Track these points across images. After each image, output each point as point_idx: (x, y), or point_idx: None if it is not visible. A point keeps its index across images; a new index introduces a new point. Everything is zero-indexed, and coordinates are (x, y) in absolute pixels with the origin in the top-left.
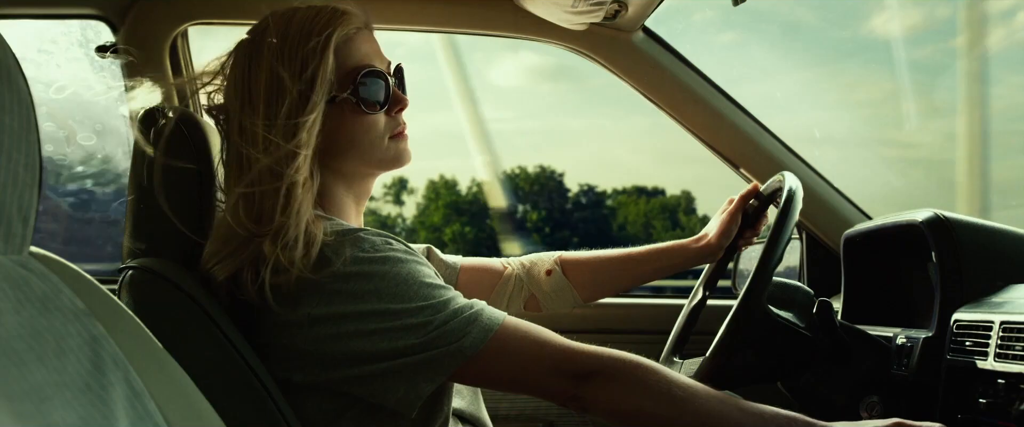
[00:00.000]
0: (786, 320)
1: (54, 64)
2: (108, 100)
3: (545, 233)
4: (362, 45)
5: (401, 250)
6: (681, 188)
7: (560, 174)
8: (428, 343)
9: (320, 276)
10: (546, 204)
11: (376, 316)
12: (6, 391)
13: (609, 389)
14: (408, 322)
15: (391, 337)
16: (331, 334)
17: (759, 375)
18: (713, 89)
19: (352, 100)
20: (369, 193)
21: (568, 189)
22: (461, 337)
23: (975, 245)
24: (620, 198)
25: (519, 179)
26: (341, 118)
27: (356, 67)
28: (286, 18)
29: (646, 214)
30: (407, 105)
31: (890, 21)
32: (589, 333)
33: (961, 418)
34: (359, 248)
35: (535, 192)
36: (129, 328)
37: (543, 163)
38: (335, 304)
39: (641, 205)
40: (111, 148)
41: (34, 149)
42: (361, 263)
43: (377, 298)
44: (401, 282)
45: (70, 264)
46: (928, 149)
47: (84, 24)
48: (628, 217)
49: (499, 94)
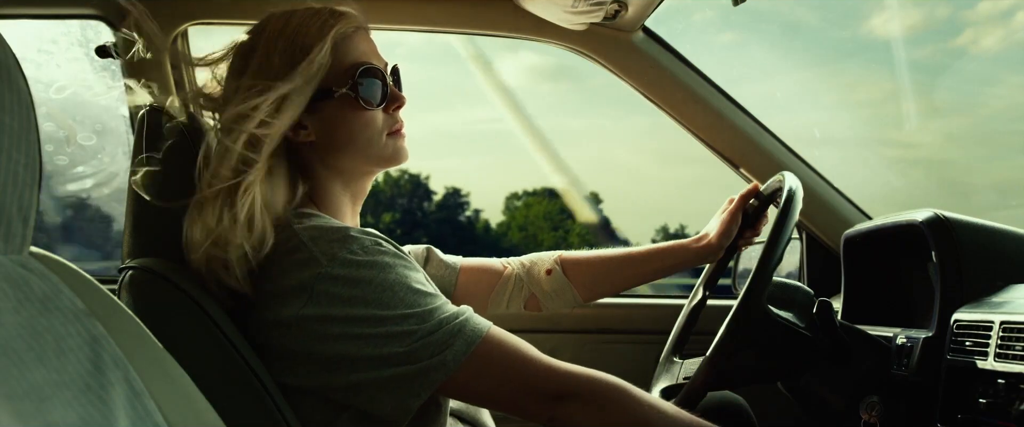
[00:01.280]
0: (786, 320)
1: (54, 64)
2: (108, 100)
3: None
4: (360, 44)
5: (390, 253)
6: (608, 188)
7: (426, 177)
8: (412, 353)
9: (308, 276)
10: (404, 206)
11: (361, 321)
12: (6, 391)
13: (585, 412)
14: (393, 329)
15: (376, 343)
16: (319, 335)
17: (759, 375)
18: (713, 89)
19: (351, 95)
20: (366, 192)
21: (433, 192)
22: (444, 349)
23: (975, 245)
24: (529, 200)
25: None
26: (340, 113)
27: (355, 64)
28: (284, 18)
29: (545, 215)
30: (404, 103)
31: (890, 21)
32: (589, 333)
33: (961, 418)
34: (348, 249)
35: (393, 195)
36: (129, 328)
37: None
38: (322, 305)
39: (545, 205)
40: (111, 148)
41: (34, 149)
42: (349, 266)
43: (364, 303)
44: (387, 288)
45: (70, 264)
46: (928, 149)
47: (84, 24)
48: (517, 221)
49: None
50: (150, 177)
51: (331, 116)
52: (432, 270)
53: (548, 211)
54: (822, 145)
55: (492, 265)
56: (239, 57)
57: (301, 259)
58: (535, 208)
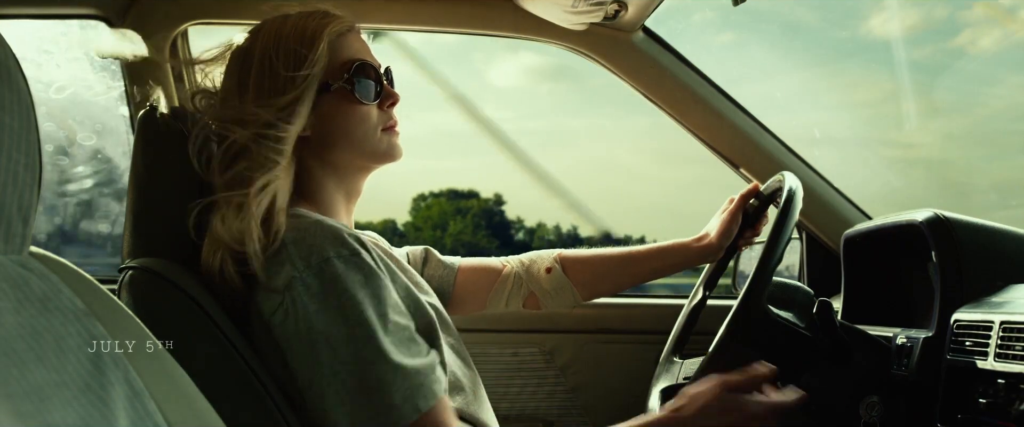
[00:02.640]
0: (786, 320)
1: (54, 64)
2: (108, 100)
3: None
4: (354, 42)
5: (364, 269)
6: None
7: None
8: (355, 390)
9: (285, 279)
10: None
11: (325, 338)
12: (6, 391)
13: None
14: (343, 355)
15: (330, 362)
16: (291, 333)
17: None
18: (713, 89)
19: (347, 88)
20: (359, 192)
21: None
22: (390, 397)
23: (975, 245)
24: (431, 201)
25: None
26: (336, 107)
27: (350, 60)
28: (280, 21)
29: (439, 216)
30: (398, 100)
31: (890, 21)
32: (589, 333)
33: (961, 418)
34: (323, 257)
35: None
36: (129, 328)
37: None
38: (296, 310)
39: (443, 205)
40: (111, 148)
41: (34, 149)
42: (321, 277)
43: (326, 321)
44: (352, 307)
45: (70, 264)
46: (928, 149)
47: (84, 24)
48: (416, 221)
49: (499, 94)
50: (150, 177)
51: (327, 111)
52: (430, 271)
53: (445, 211)
54: (822, 145)
55: (491, 264)
56: (238, 60)
57: (281, 260)
58: (434, 208)
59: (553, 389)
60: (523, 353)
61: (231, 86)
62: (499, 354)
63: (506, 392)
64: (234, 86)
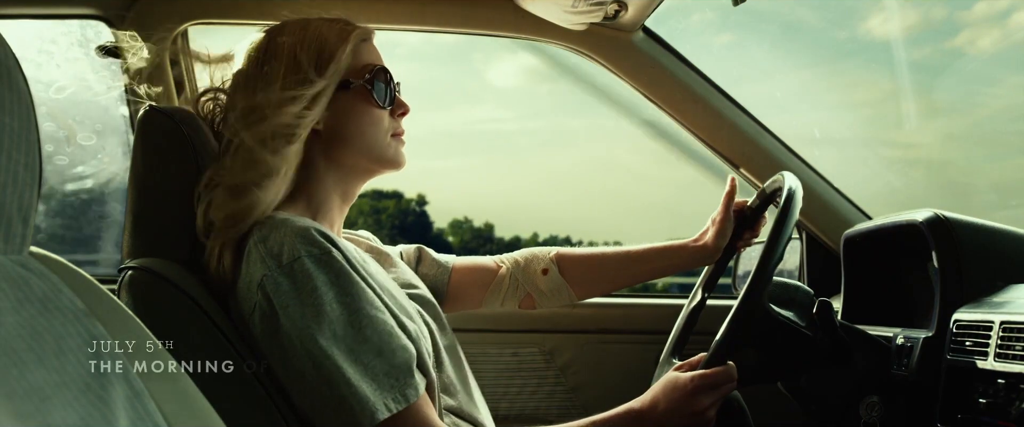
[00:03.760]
0: (786, 320)
1: (54, 64)
2: (108, 100)
3: None
4: (372, 50)
5: (334, 269)
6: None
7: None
8: (325, 389)
9: (257, 276)
10: None
11: (293, 332)
12: (6, 391)
13: None
14: (314, 353)
15: (298, 361)
16: (267, 332)
17: (759, 375)
18: (713, 89)
19: (367, 88)
20: (355, 196)
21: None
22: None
23: (975, 245)
24: (360, 200)
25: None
26: (352, 106)
27: (370, 63)
28: (302, 22)
29: (356, 215)
30: (408, 111)
31: (889, 21)
32: (589, 333)
33: (961, 418)
34: (293, 256)
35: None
36: (129, 328)
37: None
38: (268, 306)
39: (361, 205)
40: (111, 148)
41: (34, 149)
42: (292, 275)
43: (299, 316)
44: (322, 305)
45: (70, 264)
46: (928, 149)
47: (84, 24)
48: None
49: (499, 94)
50: (150, 177)
51: (344, 108)
52: (424, 269)
53: (362, 212)
54: (822, 145)
55: (485, 264)
56: (261, 51)
57: (255, 258)
58: (352, 209)
59: (553, 389)
60: (523, 353)
61: (254, 75)
62: (499, 354)
63: (506, 392)
64: (257, 76)
